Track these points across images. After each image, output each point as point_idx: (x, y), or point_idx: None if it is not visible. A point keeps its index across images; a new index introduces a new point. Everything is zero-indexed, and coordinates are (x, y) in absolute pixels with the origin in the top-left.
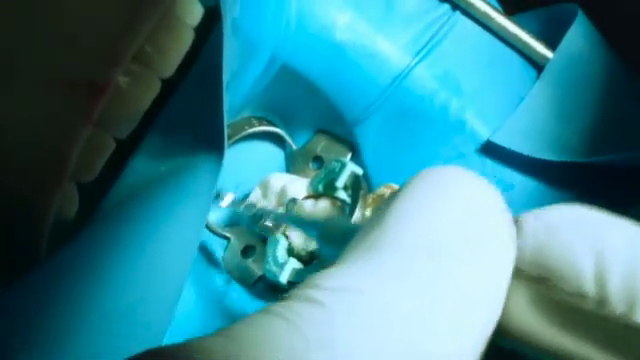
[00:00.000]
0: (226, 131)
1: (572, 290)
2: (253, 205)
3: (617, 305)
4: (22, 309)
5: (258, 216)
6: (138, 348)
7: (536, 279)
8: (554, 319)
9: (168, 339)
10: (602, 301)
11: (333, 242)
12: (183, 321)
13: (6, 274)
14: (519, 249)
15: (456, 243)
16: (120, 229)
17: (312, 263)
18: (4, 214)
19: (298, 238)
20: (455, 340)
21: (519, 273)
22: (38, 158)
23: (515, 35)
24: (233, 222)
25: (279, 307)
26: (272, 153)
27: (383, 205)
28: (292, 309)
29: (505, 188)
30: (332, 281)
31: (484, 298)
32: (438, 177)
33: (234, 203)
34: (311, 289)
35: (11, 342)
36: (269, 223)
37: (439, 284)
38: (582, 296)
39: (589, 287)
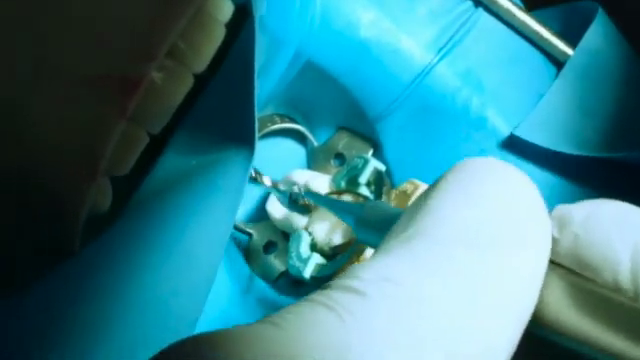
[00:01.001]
0: (257, 127)
1: (607, 283)
2: (292, 184)
3: None
4: (55, 301)
5: (295, 197)
6: (171, 339)
7: (572, 271)
8: (588, 310)
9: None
10: (637, 295)
11: (370, 227)
12: (209, 316)
13: (42, 268)
14: (556, 241)
15: (493, 234)
16: (152, 222)
17: (335, 258)
18: (39, 209)
19: (321, 233)
20: (492, 331)
21: (555, 264)
22: (72, 153)
23: (536, 32)
24: (255, 218)
25: (321, 296)
26: (294, 150)
27: (421, 196)
28: (333, 298)
29: None
30: (371, 272)
31: (521, 290)
32: (475, 168)
33: (274, 183)
34: (351, 279)
35: (44, 334)
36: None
37: (476, 276)
38: (618, 289)
39: (625, 281)
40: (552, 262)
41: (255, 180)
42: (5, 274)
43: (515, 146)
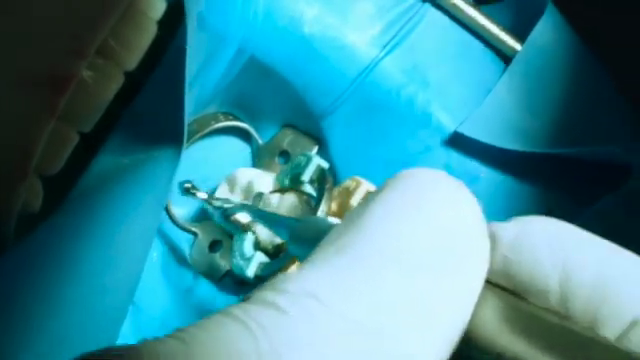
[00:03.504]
0: (186, 124)
1: (538, 304)
2: (227, 200)
3: (580, 323)
4: None
5: (230, 212)
6: (97, 336)
7: (506, 289)
8: (521, 329)
9: (135, 332)
10: (566, 317)
11: (304, 243)
12: (151, 315)
13: None
14: (491, 260)
15: (427, 253)
16: (82, 219)
17: (279, 256)
18: None
19: (265, 232)
20: (417, 355)
21: (490, 283)
22: (1, 152)
23: (484, 27)
24: (200, 217)
25: (238, 309)
26: (238, 148)
27: (358, 206)
28: (250, 313)
29: (471, 180)
30: (295, 285)
31: (451, 311)
32: (416, 181)
33: (208, 197)
34: (273, 292)
35: None
36: (241, 219)
37: (404, 297)
38: (548, 310)
39: (554, 303)
40: (489, 281)
41: (189, 192)
42: None
43: (460, 143)
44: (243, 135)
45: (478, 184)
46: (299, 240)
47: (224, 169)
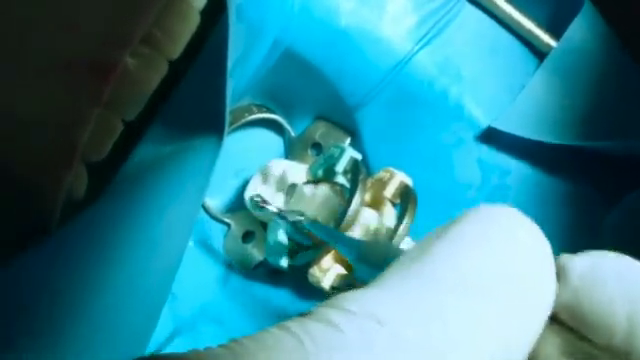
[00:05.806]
0: (228, 115)
1: (601, 342)
2: (299, 213)
3: None
4: (31, 277)
5: (300, 226)
6: (139, 319)
7: (568, 327)
8: None
9: (172, 318)
10: (628, 356)
11: (370, 265)
12: (187, 302)
13: (18, 247)
14: (558, 294)
15: (493, 287)
16: (125, 206)
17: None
18: (16, 195)
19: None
20: None
21: (554, 318)
22: (49, 140)
23: (519, 23)
24: (233, 208)
25: (295, 323)
26: (272, 140)
27: (430, 236)
28: (307, 328)
29: (501, 174)
30: (356, 304)
31: (512, 345)
32: (487, 218)
33: (281, 211)
34: (333, 310)
35: (20, 307)
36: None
37: (467, 325)
38: (610, 349)
39: (618, 343)
40: (553, 315)
41: (261, 207)
42: None
43: (492, 137)
44: (276, 127)
45: (509, 177)
46: (365, 262)
47: (257, 160)
